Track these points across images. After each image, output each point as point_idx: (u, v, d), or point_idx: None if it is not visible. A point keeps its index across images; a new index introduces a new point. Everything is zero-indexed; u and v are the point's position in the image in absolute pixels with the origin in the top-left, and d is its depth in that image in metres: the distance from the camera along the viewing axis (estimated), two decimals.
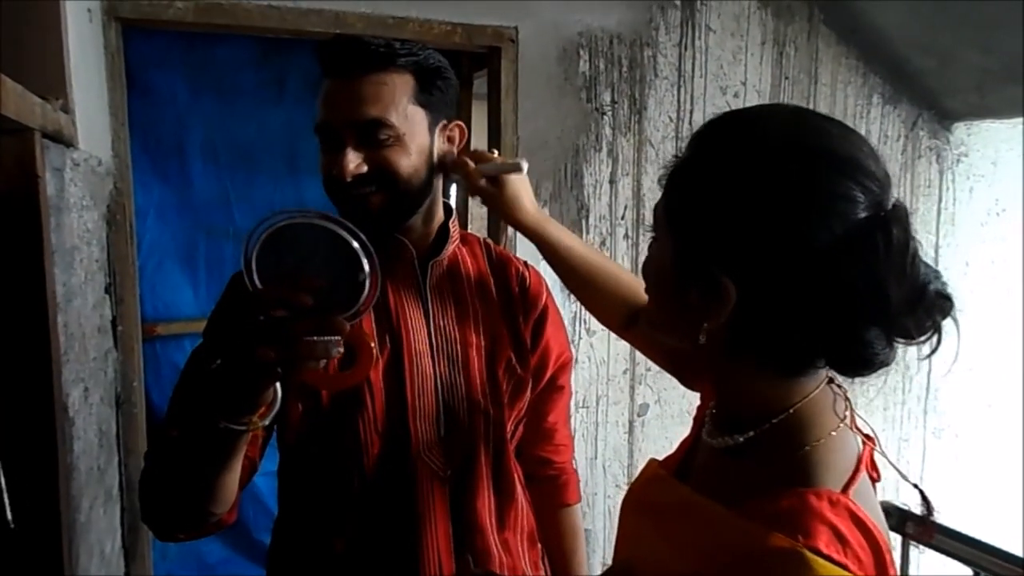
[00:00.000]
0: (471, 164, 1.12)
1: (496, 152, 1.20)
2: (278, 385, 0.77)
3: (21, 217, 1.15)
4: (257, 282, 0.75)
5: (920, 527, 1.59)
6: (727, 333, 0.68)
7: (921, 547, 1.82)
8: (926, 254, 0.61)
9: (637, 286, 1.14)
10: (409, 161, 1.04)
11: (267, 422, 0.78)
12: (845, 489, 0.64)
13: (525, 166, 1.16)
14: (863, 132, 2.81)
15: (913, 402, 2.98)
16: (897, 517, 1.66)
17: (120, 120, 1.91)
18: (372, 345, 0.81)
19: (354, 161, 1.01)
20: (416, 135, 1.05)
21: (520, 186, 1.15)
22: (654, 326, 0.78)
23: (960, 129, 2.92)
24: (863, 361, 0.64)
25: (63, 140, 1.37)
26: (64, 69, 1.38)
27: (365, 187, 1.02)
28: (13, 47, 1.30)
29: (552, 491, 1.25)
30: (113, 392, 1.81)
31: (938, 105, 2.84)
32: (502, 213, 1.17)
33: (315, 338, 0.71)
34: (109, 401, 1.75)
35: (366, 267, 0.77)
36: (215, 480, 0.85)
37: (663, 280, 0.72)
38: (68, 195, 1.41)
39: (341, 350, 0.73)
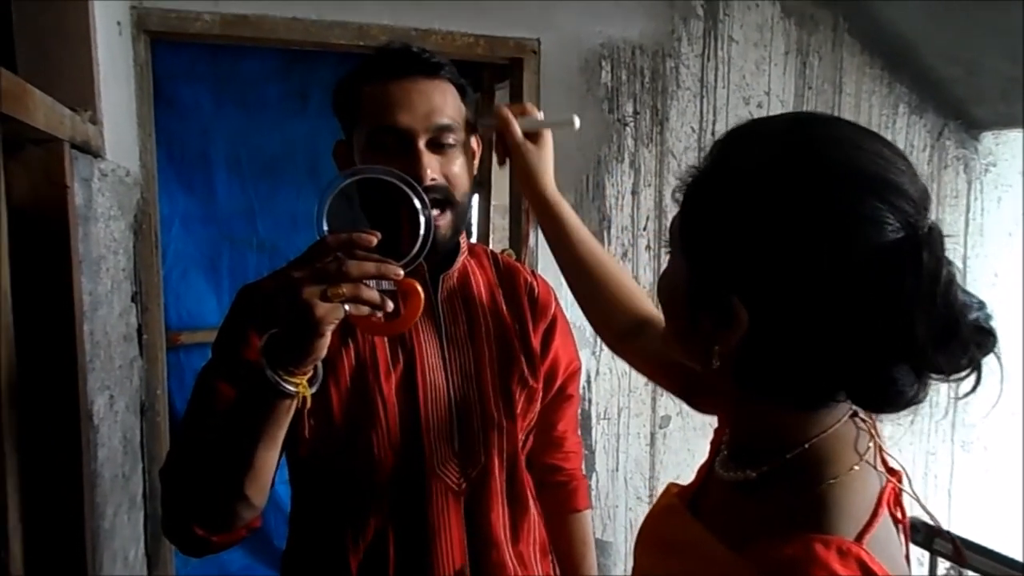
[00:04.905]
0: (512, 116, 1.06)
1: (539, 112, 1.11)
2: (319, 364, 0.83)
3: (49, 226, 1.17)
4: (326, 232, 0.84)
5: (953, 554, 1.56)
6: (740, 360, 0.63)
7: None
8: (958, 270, 0.56)
9: (641, 297, 1.09)
10: (466, 169, 1.04)
11: (314, 390, 0.83)
12: (860, 536, 0.58)
13: (578, 121, 1.08)
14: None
15: (940, 414, 2.93)
16: (924, 533, 1.63)
17: (147, 131, 1.93)
18: (420, 291, 0.86)
19: (431, 164, 0.97)
20: (467, 143, 1.05)
21: (550, 154, 1.11)
22: (668, 345, 0.75)
23: (988, 139, 2.88)
24: (887, 399, 0.59)
25: (91, 151, 1.39)
26: (93, 81, 1.40)
27: (433, 207, 0.95)
28: (43, 59, 1.33)
29: (562, 497, 1.24)
30: (138, 400, 1.82)
31: (965, 114, 2.80)
32: (531, 177, 1.08)
33: (372, 283, 0.80)
34: (134, 409, 1.77)
35: (422, 218, 0.87)
36: (255, 454, 0.84)
37: (675, 299, 0.69)
38: (96, 205, 1.43)
39: (391, 305, 0.81)
